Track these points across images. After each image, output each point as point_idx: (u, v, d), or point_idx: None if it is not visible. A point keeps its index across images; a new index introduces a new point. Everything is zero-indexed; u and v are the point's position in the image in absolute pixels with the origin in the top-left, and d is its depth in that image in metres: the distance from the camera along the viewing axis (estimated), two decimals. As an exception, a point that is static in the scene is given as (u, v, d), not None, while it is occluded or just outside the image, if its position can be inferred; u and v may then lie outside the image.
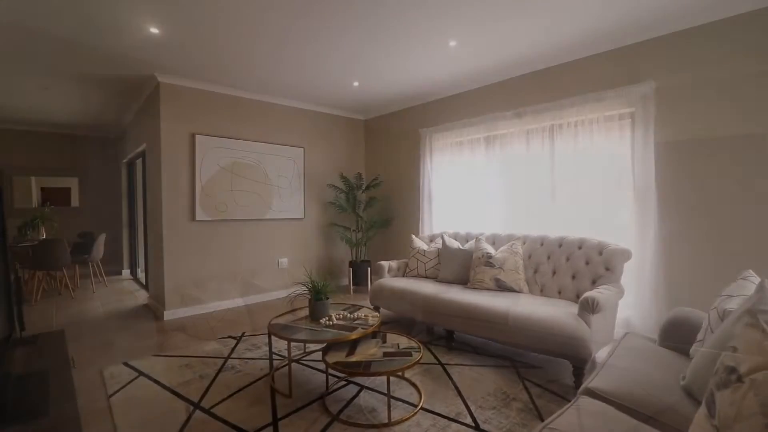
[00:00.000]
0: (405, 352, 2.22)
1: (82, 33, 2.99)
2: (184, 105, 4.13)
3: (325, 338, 2.26)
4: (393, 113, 5.35)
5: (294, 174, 5.06)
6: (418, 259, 3.88)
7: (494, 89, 4.08)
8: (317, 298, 2.57)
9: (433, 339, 3.29)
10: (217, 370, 2.72)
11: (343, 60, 3.64)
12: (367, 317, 2.62)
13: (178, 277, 4.10)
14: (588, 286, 2.96)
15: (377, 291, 3.68)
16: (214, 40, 3.18)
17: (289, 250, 5.05)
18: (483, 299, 2.92)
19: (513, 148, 3.89)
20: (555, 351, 2.44)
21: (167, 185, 4.03)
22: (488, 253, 3.33)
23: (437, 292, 3.20)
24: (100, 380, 2.62)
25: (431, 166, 4.71)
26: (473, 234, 3.92)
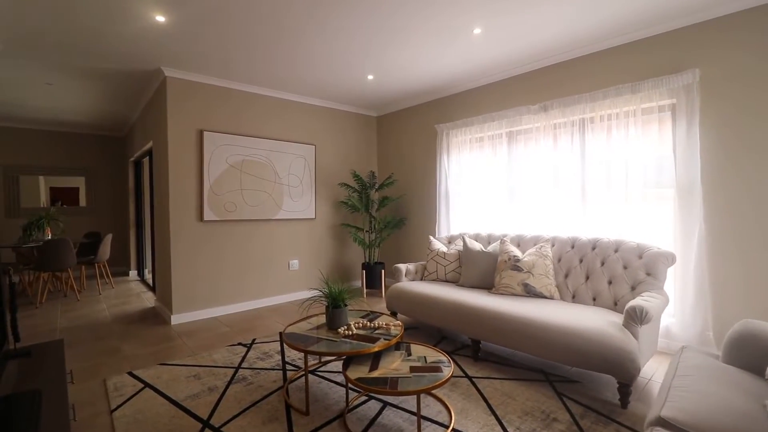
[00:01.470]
0: (434, 367, 2.00)
1: (86, 19, 2.82)
2: (191, 101, 3.95)
3: (345, 351, 2.05)
4: (407, 109, 5.13)
5: (305, 172, 4.87)
6: (437, 261, 3.66)
7: (518, 81, 3.85)
8: (335, 305, 2.37)
9: (456, 348, 3.07)
10: (227, 381, 2.53)
11: (358, 52, 3.44)
12: (389, 326, 2.42)
13: (185, 280, 3.93)
14: (627, 292, 2.73)
15: (395, 296, 3.47)
16: (222, 32, 3.00)
17: (300, 252, 4.86)
18: (513, 306, 2.70)
19: (538, 143, 3.66)
20: (598, 365, 2.21)
21: (174, 184, 3.86)
22: (515, 256, 3.11)
23: (461, 298, 2.98)
24: (103, 391, 2.44)
25: (448, 163, 4.49)
26: (496, 235, 3.69)
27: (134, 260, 6.64)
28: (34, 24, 2.85)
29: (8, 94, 4.54)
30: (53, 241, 4.61)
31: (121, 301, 4.84)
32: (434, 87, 4.46)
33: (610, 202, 3.25)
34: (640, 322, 2.20)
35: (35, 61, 3.54)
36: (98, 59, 3.52)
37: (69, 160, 6.65)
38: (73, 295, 5.12)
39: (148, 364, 2.86)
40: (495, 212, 4.06)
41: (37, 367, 1.74)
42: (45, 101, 4.90)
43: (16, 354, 1.80)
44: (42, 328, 3.74)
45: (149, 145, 4.84)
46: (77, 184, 6.76)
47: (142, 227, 6.46)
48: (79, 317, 4.12)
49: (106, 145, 6.99)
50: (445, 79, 4.19)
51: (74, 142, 6.69)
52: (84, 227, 6.74)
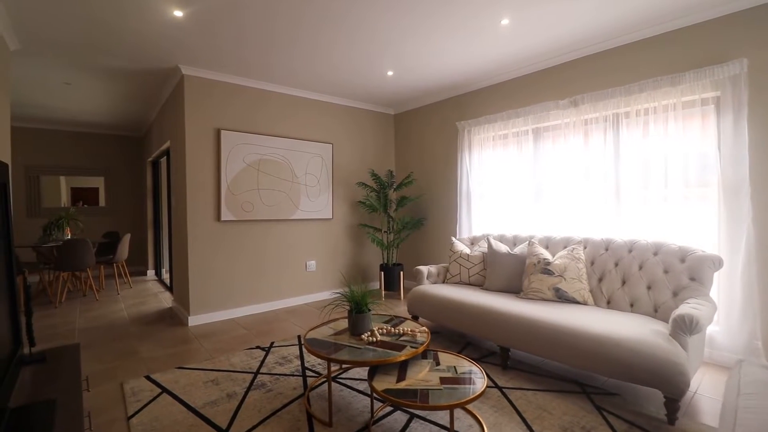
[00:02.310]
0: (465, 379, 1.87)
1: (103, 14, 2.77)
2: (208, 99, 3.90)
3: (370, 360, 1.93)
4: (426, 106, 5.00)
5: (322, 171, 4.78)
6: (460, 264, 3.52)
7: (546, 75, 3.67)
8: (358, 310, 2.26)
9: (483, 355, 2.93)
10: (246, 388, 2.44)
11: (378, 47, 3.32)
12: (415, 333, 2.29)
13: (203, 281, 3.87)
14: (668, 298, 2.55)
15: (417, 299, 3.35)
16: (239, 26, 2.91)
17: (317, 253, 4.77)
18: (546, 312, 2.55)
19: (567, 140, 3.48)
20: (643, 378, 2.04)
21: (192, 184, 3.81)
22: (545, 259, 2.94)
23: (489, 303, 2.83)
24: (120, 396, 2.38)
25: (470, 162, 4.34)
26: (522, 237, 3.53)
27: (152, 260, 6.66)
28: (52, 22, 2.81)
29: (28, 94, 4.57)
30: (72, 241, 4.62)
31: (138, 301, 4.82)
32: (456, 83, 4.31)
33: (647, 201, 3.06)
34: (689, 332, 2.03)
35: (53, 60, 3.52)
36: (116, 57, 3.48)
37: (89, 161, 6.70)
38: (92, 294, 5.13)
39: (166, 367, 2.80)
40: (520, 212, 3.89)
41: (52, 373, 1.66)
42: (64, 101, 4.92)
43: (31, 359, 1.73)
44: (61, 329, 3.72)
45: (167, 145, 4.82)
46: (97, 184, 6.82)
47: (159, 227, 6.47)
48: (97, 317, 4.10)
49: (124, 146, 7.03)
50: (467, 75, 4.05)
51: (94, 143, 6.75)
52: (103, 227, 6.79)
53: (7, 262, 1.62)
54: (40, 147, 6.27)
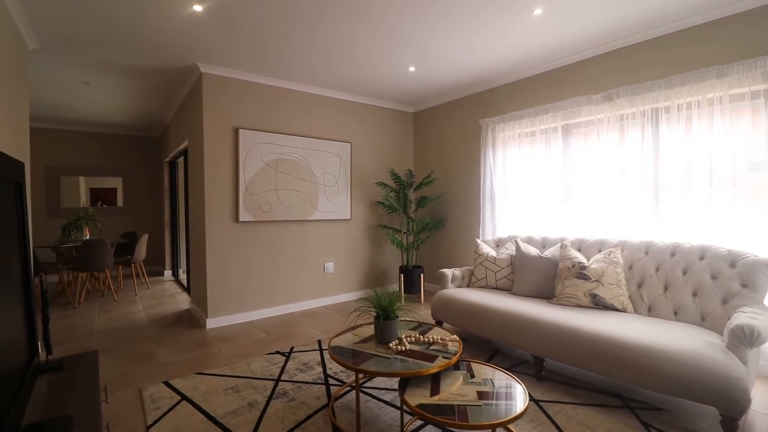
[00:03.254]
0: (504, 393, 1.73)
1: (123, 11, 2.71)
2: (226, 97, 3.82)
3: (402, 371, 1.81)
4: (448, 103, 4.85)
5: (340, 171, 4.67)
6: (486, 267, 3.37)
7: (578, 68, 3.49)
8: (386, 317, 2.13)
9: (513, 364, 2.78)
10: (268, 396, 2.34)
11: (400, 41, 3.20)
12: (445, 341, 2.16)
13: (221, 283, 3.80)
14: (717, 306, 2.36)
15: (441, 304, 3.21)
16: (258, 20, 2.82)
17: (336, 254, 4.66)
18: (585, 320, 2.38)
19: (601, 137, 3.30)
20: (697, 394, 1.88)
21: (210, 184, 3.74)
22: (580, 263, 2.78)
23: (521, 310, 2.68)
24: (138, 403, 2.30)
25: (494, 160, 4.18)
26: (552, 239, 3.36)
27: (168, 260, 6.66)
28: (71, 19, 2.76)
29: (48, 94, 4.57)
30: (91, 241, 4.61)
31: (156, 302, 4.79)
32: (479, 79, 4.15)
33: (690, 201, 2.86)
34: (750, 345, 1.85)
35: (72, 58, 3.49)
36: (134, 56, 3.43)
37: (107, 161, 6.73)
38: (110, 295, 5.13)
39: (185, 372, 2.72)
40: (548, 213, 3.72)
41: (70, 383, 1.58)
42: (83, 102, 4.92)
43: (47, 367, 1.65)
44: (79, 330, 3.69)
45: (184, 145, 4.77)
46: (115, 184, 6.85)
47: (176, 227, 6.46)
48: (115, 318, 4.07)
49: (141, 146, 7.05)
50: (493, 70, 3.89)
51: (112, 143, 6.77)
52: (121, 227, 6.81)
53: (23, 265, 1.55)
54: (60, 148, 6.32)
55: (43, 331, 1.67)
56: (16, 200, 1.47)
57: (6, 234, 1.34)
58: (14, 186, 1.45)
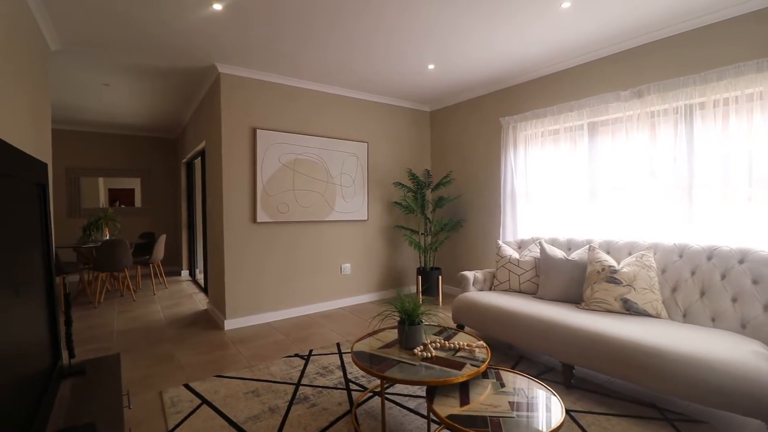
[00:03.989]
0: (538, 404, 1.64)
1: (143, 11, 2.70)
2: (244, 98, 3.80)
3: (429, 379, 1.74)
4: (467, 102, 4.75)
5: (357, 171, 4.62)
6: (509, 270, 3.27)
7: (605, 64, 3.37)
8: (411, 322, 2.06)
9: (540, 372, 2.68)
10: (289, 401, 2.30)
11: (420, 38, 3.13)
12: (472, 348, 2.08)
13: (239, 285, 3.78)
14: (759, 312, 2.23)
15: (463, 307, 3.12)
16: (276, 19, 2.78)
17: (353, 256, 4.61)
18: (619, 327, 2.27)
19: (630, 135, 3.18)
20: (744, 407, 1.76)
21: (228, 184, 3.72)
22: (611, 266, 2.66)
23: (549, 315, 2.58)
24: (159, 406, 2.28)
25: (515, 160, 4.07)
26: (578, 241, 3.25)
27: (186, 260, 6.71)
28: (92, 21, 2.76)
29: (68, 96, 4.63)
30: (111, 241, 4.65)
31: (174, 302, 4.81)
32: (501, 76, 4.05)
33: (728, 202, 2.72)
34: (804, 357, 1.73)
35: (92, 60, 3.51)
36: (154, 57, 3.43)
37: (126, 162, 6.82)
38: (129, 295, 5.17)
39: (204, 375, 2.70)
40: (572, 214, 3.60)
41: (92, 388, 1.55)
42: (102, 103, 4.97)
43: (70, 372, 1.63)
44: (100, 330, 3.72)
45: (202, 146, 4.78)
46: (133, 185, 6.93)
47: (193, 228, 6.51)
48: (134, 319, 4.09)
49: (159, 147, 7.12)
50: (515, 66, 3.78)
51: (130, 145, 6.85)
52: (139, 227, 6.89)
53: (46, 267, 1.52)
54: (80, 149, 6.42)
55: (66, 335, 1.65)
56: (40, 201, 1.45)
57: (29, 235, 1.31)
58: (38, 187, 1.43)
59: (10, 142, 1.99)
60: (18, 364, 1.13)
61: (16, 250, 1.17)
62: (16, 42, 2.20)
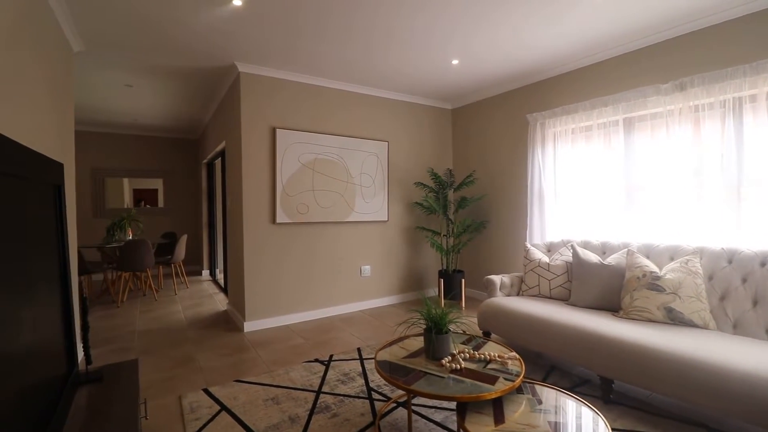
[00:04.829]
0: (580, 424, 1.50)
1: (163, 10, 2.66)
2: (264, 97, 3.75)
3: (461, 395, 1.61)
4: (490, 98, 4.59)
5: (377, 171, 4.52)
6: (538, 274, 3.10)
7: (644, 55, 3.16)
8: (438, 330, 1.94)
9: (574, 384, 2.51)
10: (309, 410, 2.21)
11: (443, 32, 3.00)
12: (504, 359, 1.94)
13: (258, 286, 3.73)
14: (826, 326, 2.01)
15: (490, 314, 2.98)
16: (295, 14, 2.70)
17: (373, 257, 4.51)
18: (667, 339, 2.09)
19: (671, 131, 2.96)
20: (817, 435, 1.57)
21: (248, 185, 3.68)
22: (653, 272, 2.47)
23: (585, 324, 2.41)
24: (178, 411, 2.23)
25: (542, 158, 3.89)
26: (613, 244, 3.06)
27: (206, 260, 6.75)
28: (113, 21, 2.74)
29: (93, 98, 4.69)
30: (133, 242, 4.69)
31: (194, 302, 4.82)
32: (529, 70, 3.87)
33: (784, 203, 2.50)
34: None
35: (115, 61, 3.52)
36: (176, 57, 3.41)
37: (149, 163, 6.91)
38: (151, 294, 5.21)
39: (224, 379, 2.64)
40: (606, 216, 3.40)
41: (109, 396, 1.49)
42: (126, 105, 5.02)
43: (87, 378, 1.58)
44: (122, 330, 3.73)
45: (222, 146, 4.77)
46: (156, 185, 7.02)
47: (213, 228, 6.54)
48: (156, 319, 4.10)
49: (181, 148, 7.19)
50: (544, 60, 3.60)
51: (153, 146, 6.94)
52: (162, 227, 6.97)
53: (62, 271, 1.47)
54: (105, 150, 6.53)
55: (83, 340, 1.60)
56: (56, 203, 1.40)
57: (43, 237, 1.26)
58: (54, 188, 1.37)
59: (31, 142, 1.97)
60: (29, 372, 1.07)
61: (28, 253, 1.11)
62: (38, 42, 2.18)
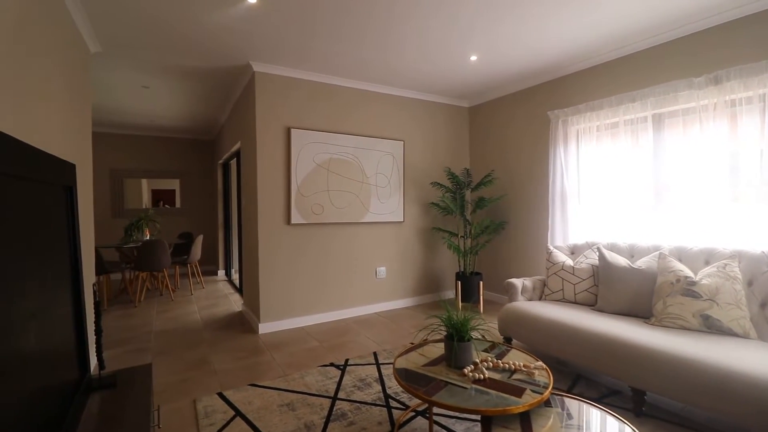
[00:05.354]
0: (617, 444, 1.39)
1: (179, 11, 2.63)
2: (279, 96, 3.71)
3: (485, 407, 1.52)
4: (509, 95, 4.46)
5: (393, 171, 4.44)
6: (562, 278, 2.98)
7: (675, 47, 2.99)
8: (460, 338, 1.85)
9: (602, 395, 2.38)
10: (325, 417, 2.14)
11: (462, 29, 2.91)
12: (530, 369, 1.84)
13: (273, 287, 3.69)
14: None
15: (512, 319, 2.87)
16: (310, 12, 2.63)
17: (388, 259, 4.43)
18: (703, 349, 1.96)
19: (704, 127, 2.80)
20: None
21: (263, 185, 3.64)
22: (688, 277, 2.33)
23: (615, 331, 2.28)
24: (192, 416, 2.19)
25: (565, 157, 3.74)
26: (642, 246, 2.91)
27: (222, 260, 6.78)
28: (130, 22, 2.73)
29: (110, 99, 4.73)
30: (150, 242, 4.72)
31: (210, 302, 4.82)
32: (551, 65, 3.73)
33: (833, 204, 2.32)
34: None
35: (131, 62, 3.53)
36: (190, 57, 3.39)
37: (166, 164, 6.98)
38: (168, 294, 5.24)
39: (239, 383, 2.60)
40: (633, 217, 3.25)
41: (121, 403, 1.45)
42: (143, 106, 5.06)
43: (100, 384, 1.54)
44: (138, 330, 3.74)
45: (237, 146, 4.76)
46: (174, 186, 7.09)
47: (229, 228, 6.56)
48: (172, 319, 4.11)
49: (197, 149, 7.25)
50: (567, 54, 3.46)
51: (170, 147, 7.01)
52: (178, 227, 7.03)
53: (74, 274, 1.43)
54: (123, 151, 6.62)
55: (96, 345, 1.56)
56: (67, 203, 1.36)
57: (53, 239, 1.22)
58: (65, 189, 1.34)
59: (44, 143, 1.95)
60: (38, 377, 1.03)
61: (37, 255, 1.06)
62: (53, 43, 2.17)
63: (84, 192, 2.75)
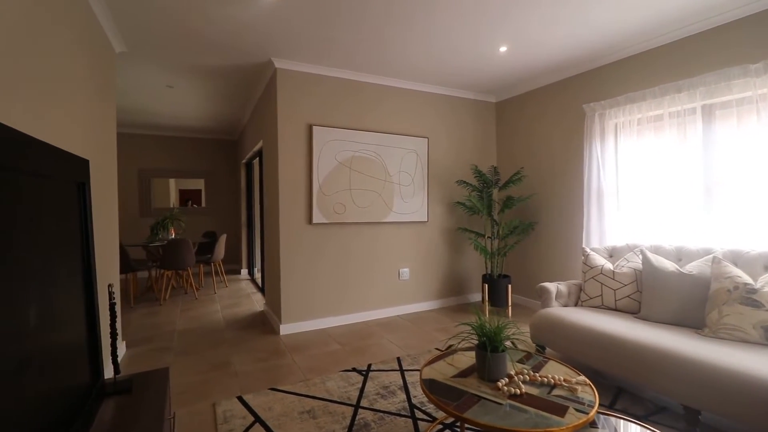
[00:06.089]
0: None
1: (198, 6, 2.58)
2: (300, 93, 3.64)
3: (523, 427, 1.37)
4: (540, 89, 4.24)
5: (417, 169, 4.30)
6: (601, 283, 2.77)
7: (728, 31, 2.73)
8: (493, 348, 1.70)
9: (649, 412, 2.18)
10: (347, 427, 2.03)
11: (491, 18, 2.75)
12: (571, 384, 1.67)
13: (295, 288, 3.63)
14: None
15: (546, 326, 2.68)
16: (333, 5, 2.53)
17: (411, 260, 4.30)
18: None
19: (762, 118, 2.54)
20: None
21: (284, 184, 3.58)
22: (747, 284, 2.10)
23: (663, 342, 2.07)
24: (211, 420, 2.13)
25: (601, 153, 3.51)
26: (690, 249, 2.66)
27: (245, 259, 6.81)
28: (154, 22, 2.70)
29: (136, 99, 4.79)
30: (175, 241, 4.75)
31: (233, 302, 4.82)
32: (587, 55, 3.51)
33: None
34: None
35: (156, 61, 3.53)
36: (213, 55, 3.36)
37: (191, 164, 7.07)
38: (192, 293, 5.28)
39: (259, 386, 2.53)
40: (680, 217, 3.00)
41: (135, 410, 1.38)
42: (168, 106, 5.11)
43: (115, 389, 1.48)
44: (162, 329, 3.75)
45: (259, 146, 4.74)
46: (199, 185, 7.18)
47: (252, 227, 6.58)
48: (195, 318, 4.11)
49: (221, 149, 7.32)
50: (606, 42, 3.23)
51: (195, 147, 7.10)
52: (203, 227, 7.12)
53: (86, 274, 1.37)
54: (150, 151, 6.75)
55: (111, 348, 1.50)
56: (79, 200, 1.30)
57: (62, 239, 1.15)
58: (76, 185, 1.27)
59: (66, 141, 1.92)
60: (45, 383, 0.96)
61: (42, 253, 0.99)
62: (76, 41, 2.14)
63: (108, 190, 2.75)
